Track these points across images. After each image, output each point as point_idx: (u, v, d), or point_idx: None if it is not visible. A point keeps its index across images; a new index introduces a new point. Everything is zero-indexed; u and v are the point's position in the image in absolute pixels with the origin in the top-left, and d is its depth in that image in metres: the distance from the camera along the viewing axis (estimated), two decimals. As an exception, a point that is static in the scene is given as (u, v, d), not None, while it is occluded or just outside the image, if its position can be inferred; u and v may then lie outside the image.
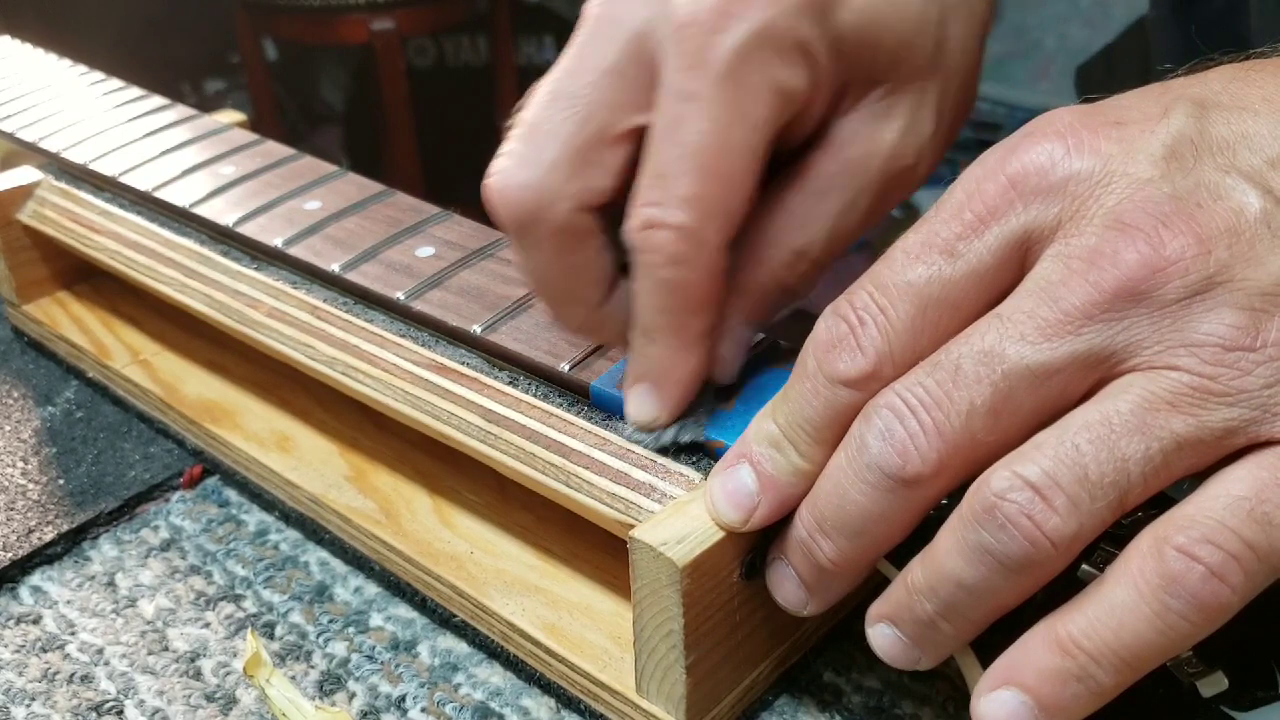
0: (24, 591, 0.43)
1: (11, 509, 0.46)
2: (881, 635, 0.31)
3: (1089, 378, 0.28)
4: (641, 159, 0.33)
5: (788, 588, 0.33)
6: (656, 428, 0.36)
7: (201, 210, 0.49)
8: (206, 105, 0.61)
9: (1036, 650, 0.27)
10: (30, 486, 0.47)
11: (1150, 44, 0.70)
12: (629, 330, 0.35)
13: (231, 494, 0.47)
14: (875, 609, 0.31)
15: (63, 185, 0.55)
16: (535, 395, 0.39)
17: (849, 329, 0.30)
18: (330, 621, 0.41)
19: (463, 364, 0.41)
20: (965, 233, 0.29)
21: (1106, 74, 0.77)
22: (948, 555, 0.28)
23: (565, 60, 0.34)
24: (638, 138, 0.34)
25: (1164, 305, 0.27)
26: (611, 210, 0.34)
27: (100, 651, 0.40)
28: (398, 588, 0.42)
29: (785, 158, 0.36)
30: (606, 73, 0.33)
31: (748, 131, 0.33)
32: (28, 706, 0.38)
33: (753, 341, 0.37)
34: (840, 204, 0.36)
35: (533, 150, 0.33)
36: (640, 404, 0.36)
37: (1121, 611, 0.26)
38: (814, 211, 0.35)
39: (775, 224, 0.35)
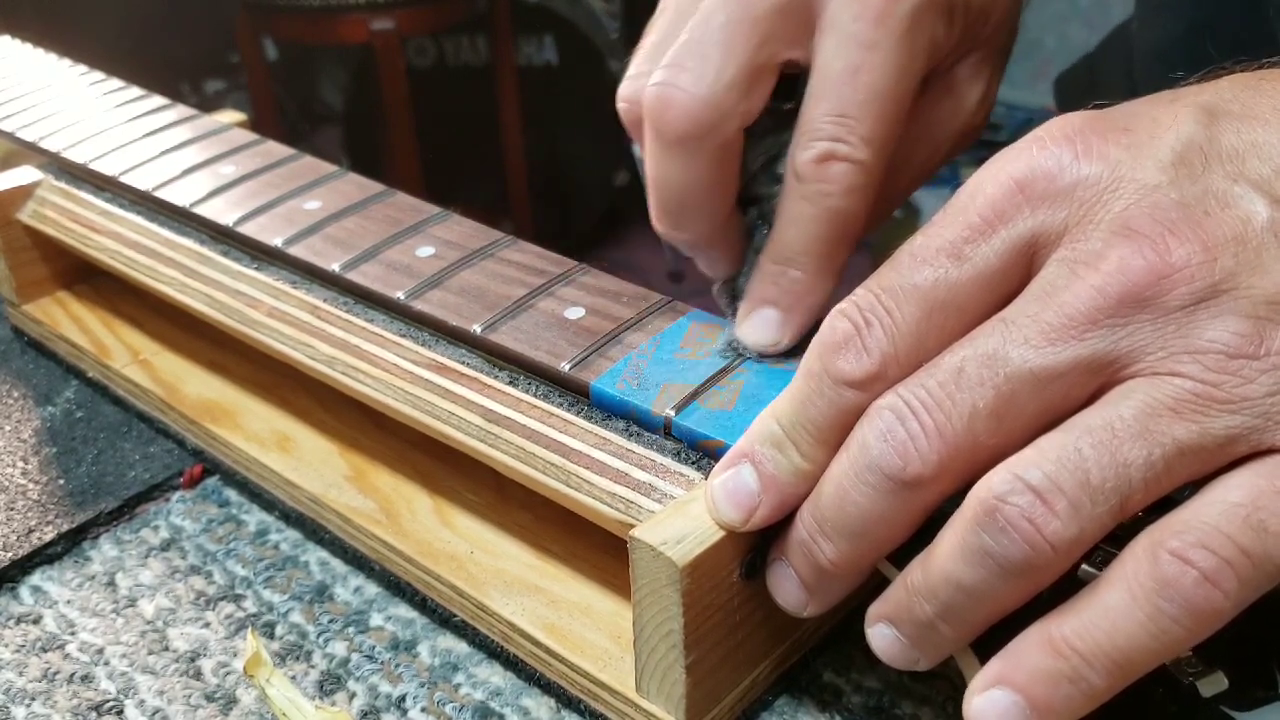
0: (24, 591, 0.43)
1: (11, 509, 0.46)
2: (881, 636, 0.31)
3: (1092, 383, 0.28)
4: (811, 94, 0.36)
5: (788, 588, 0.33)
6: (773, 351, 0.38)
7: (202, 210, 0.49)
8: (206, 105, 0.61)
9: (1030, 651, 0.27)
10: (30, 486, 0.47)
11: (1133, 50, 0.70)
12: (754, 254, 0.38)
13: (231, 494, 0.47)
14: (875, 609, 0.31)
15: (63, 185, 0.55)
16: (535, 395, 0.39)
17: (854, 330, 0.30)
18: (330, 621, 0.41)
19: (463, 364, 0.41)
20: (972, 236, 0.29)
21: (1089, 81, 0.77)
22: (947, 557, 0.28)
23: None
24: (780, 70, 0.37)
25: (1169, 312, 0.27)
26: None
27: (100, 651, 0.40)
28: (398, 588, 0.42)
29: None
30: (780, 6, 0.36)
31: (913, 80, 0.37)
32: (28, 706, 0.38)
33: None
34: (929, 150, 0.40)
35: (710, 66, 0.36)
36: (765, 327, 0.37)
37: (1115, 614, 0.26)
38: (908, 155, 0.40)
39: None
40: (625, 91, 0.39)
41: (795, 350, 0.38)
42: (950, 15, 0.38)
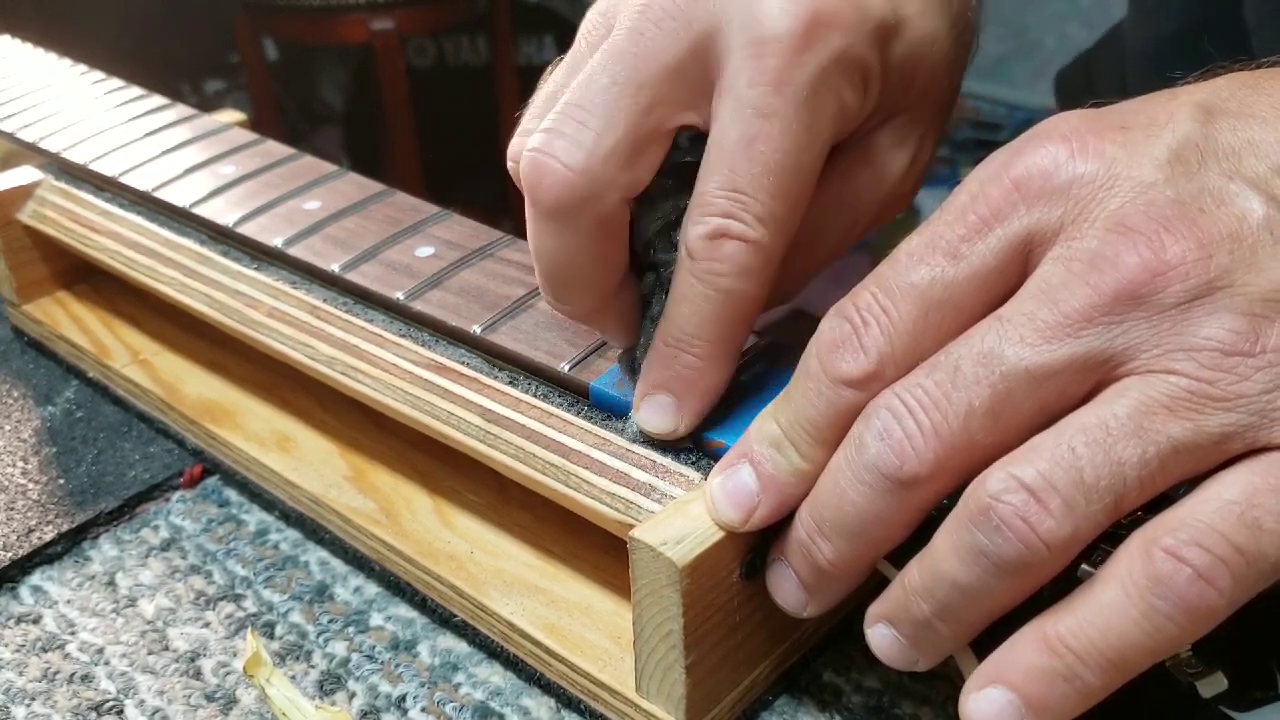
0: (24, 591, 0.43)
1: (11, 509, 0.46)
2: (879, 636, 0.31)
3: (1088, 381, 0.28)
4: (705, 166, 0.33)
5: (787, 589, 0.33)
6: (671, 439, 0.35)
7: (201, 210, 0.49)
8: (206, 105, 0.61)
9: (1025, 649, 0.27)
10: (30, 486, 0.47)
11: (1126, 49, 0.70)
12: (650, 329, 0.35)
13: (231, 494, 0.47)
14: (874, 610, 0.31)
15: (63, 185, 0.55)
16: (535, 395, 0.39)
17: (852, 330, 0.30)
18: (330, 621, 0.41)
19: (462, 364, 0.41)
20: (969, 235, 0.29)
21: (1084, 79, 0.77)
22: (943, 556, 0.28)
23: (621, 41, 0.34)
24: (673, 138, 0.34)
25: (1163, 309, 0.27)
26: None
27: (100, 651, 0.40)
28: (398, 587, 0.42)
29: None
30: (672, 67, 0.33)
31: (819, 153, 0.34)
32: (28, 706, 0.38)
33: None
34: (849, 220, 0.38)
35: (588, 135, 0.33)
36: (661, 415, 0.35)
37: (1109, 612, 0.26)
38: (821, 227, 0.37)
39: None
40: (512, 149, 0.36)
41: (798, 351, 0.38)
42: (864, 79, 0.35)
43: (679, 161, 0.35)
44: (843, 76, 0.34)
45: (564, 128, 0.33)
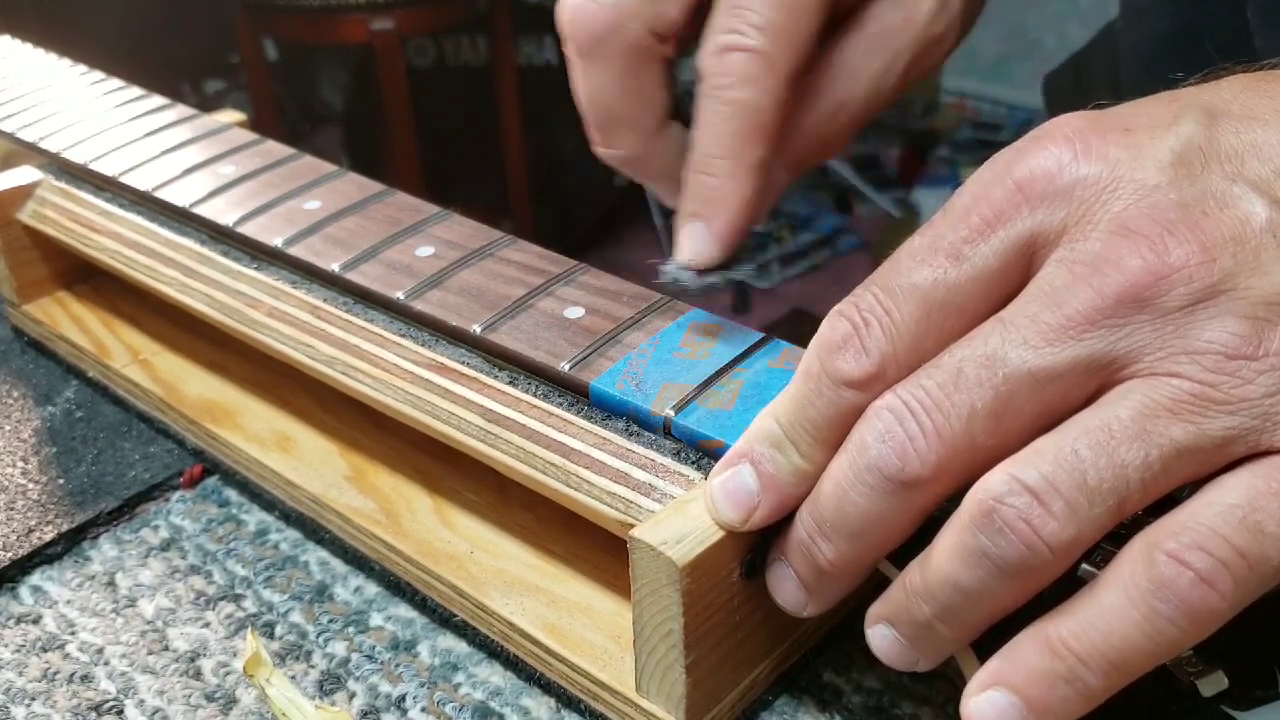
0: (24, 591, 0.43)
1: (11, 509, 0.46)
2: (880, 637, 0.31)
3: (1091, 383, 0.28)
4: None
5: (787, 589, 0.33)
6: (708, 265, 0.37)
7: (201, 210, 0.49)
8: (206, 105, 0.61)
9: (1027, 651, 0.27)
10: (30, 486, 0.47)
11: (1118, 51, 0.70)
12: (685, 170, 0.37)
13: (231, 494, 0.47)
14: (874, 610, 0.31)
15: (63, 185, 0.55)
16: (535, 395, 0.39)
17: (853, 330, 0.30)
18: (330, 621, 0.41)
19: (463, 364, 0.41)
20: (971, 236, 0.29)
21: (1073, 81, 0.77)
22: (945, 558, 0.28)
23: None
24: None
25: (1167, 312, 0.27)
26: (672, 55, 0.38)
27: (100, 651, 0.40)
28: (398, 587, 0.42)
29: (839, 19, 0.38)
30: None
31: None
32: (28, 706, 0.38)
33: (785, 188, 0.39)
34: (881, 63, 0.39)
35: None
36: (692, 240, 0.37)
37: (1111, 615, 0.26)
38: (857, 67, 0.38)
39: (822, 75, 0.37)
40: (556, 14, 0.39)
41: (799, 350, 0.38)
42: None
43: None
44: None
45: None
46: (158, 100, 0.59)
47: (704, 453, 0.35)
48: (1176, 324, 0.27)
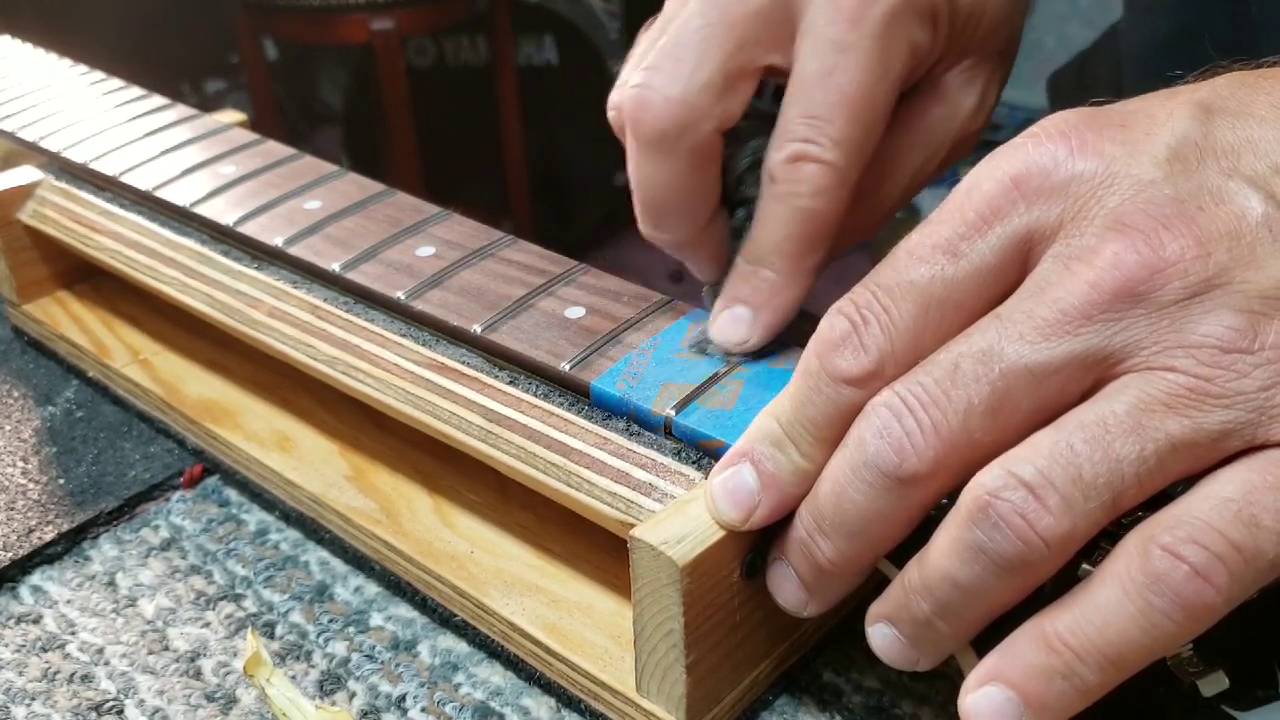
0: (24, 591, 0.43)
1: (11, 509, 0.46)
2: (880, 635, 0.31)
3: (1087, 378, 0.28)
4: (787, 98, 0.36)
5: (787, 588, 0.33)
6: (741, 349, 0.38)
7: (202, 210, 0.49)
8: (206, 105, 0.61)
9: (1024, 647, 0.27)
10: (30, 486, 0.47)
11: (1121, 51, 0.70)
12: (736, 255, 0.38)
13: (232, 494, 0.47)
14: (874, 609, 0.31)
15: (63, 185, 0.55)
16: (535, 395, 0.39)
17: (852, 328, 0.30)
18: (330, 621, 0.41)
19: (463, 364, 0.41)
20: (968, 233, 0.29)
21: (1078, 81, 0.77)
22: (943, 554, 0.28)
23: None
24: (761, 75, 0.38)
25: (1162, 306, 0.27)
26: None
27: (100, 651, 0.40)
28: (398, 587, 0.42)
29: None
30: (758, 10, 0.37)
31: (891, 85, 0.37)
32: (28, 706, 0.38)
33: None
34: (921, 159, 0.40)
35: (684, 68, 0.36)
36: (735, 325, 0.38)
37: (1107, 610, 0.26)
38: (900, 162, 0.40)
39: (866, 171, 0.38)
40: (613, 99, 0.39)
41: (799, 350, 0.38)
42: (934, 20, 0.38)
43: (761, 109, 0.38)
44: (913, 16, 0.37)
45: (663, 65, 0.36)
46: (158, 100, 0.59)
47: (704, 452, 0.35)
48: (1172, 318, 0.27)
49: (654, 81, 0.36)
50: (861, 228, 0.40)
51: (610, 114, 0.39)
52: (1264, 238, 0.27)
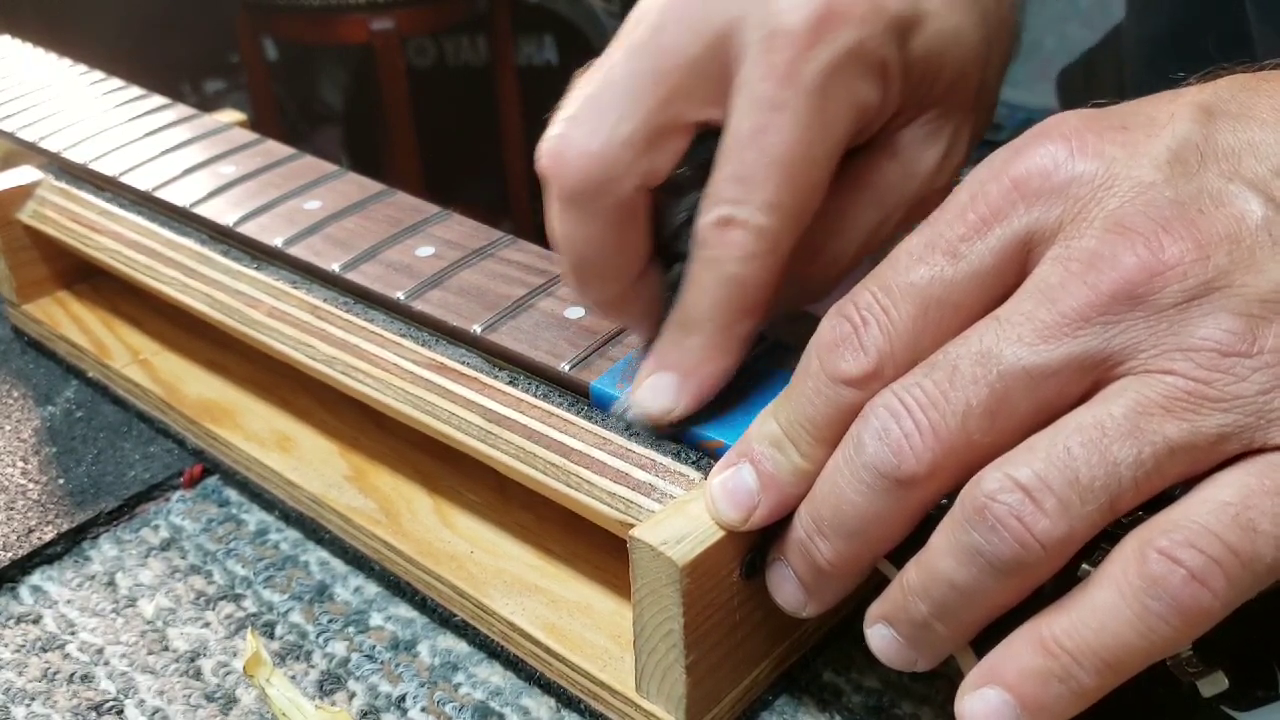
0: (24, 591, 0.43)
1: (11, 509, 0.46)
2: (879, 636, 0.31)
3: (1085, 380, 0.28)
4: (718, 158, 0.34)
5: (787, 589, 0.33)
6: (666, 420, 0.35)
7: (202, 210, 0.49)
8: (206, 105, 0.61)
9: (1020, 650, 0.27)
10: (30, 486, 0.47)
11: (1123, 50, 0.70)
12: (664, 319, 0.36)
13: (231, 494, 0.47)
14: (873, 610, 0.31)
15: (63, 185, 0.55)
16: (535, 395, 0.39)
17: (852, 329, 0.30)
18: (330, 621, 0.41)
19: (463, 364, 0.41)
20: (968, 234, 0.29)
21: (1085, 79, 0.77)
22: (940, 556, 0.28)
23: (643, 36, 0.34)
24: (695, 130, 0.35)
25: (1161, 309, 0.27)
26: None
27: (100, 651, 0.40)
28: (398, 587, 0.42)
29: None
30: (690, 62, 0.34)
31: (828, 143, 0.34)
32: (28, 706, 0.38)
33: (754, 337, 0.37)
34: (877, 218, 0.37)
35: (606, 121, 0.34)
36: (658, 393, 0.35)
37: (1103, 613, 0.26)
38: (853, 222, 0.37)
39: (815, 230, 0.36)
40: (539, 147, 0.36)
41: (798, 351, 0.38)
42: (882, 75, 0.35)
43: (705, 158, 0.35)
44: (857, 70, 0.34)
45: (583, 116, 0.34)
46: (158, 100, 0.59)
47: (704, 453, 0.35)
48: (1171, 321, 0.27)
49: (573, 134, 0.34)
50: (812, 288, 0.38)
51: (536, 165, 0.36)
52: (1264, 241, 0.27)
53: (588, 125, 0.34)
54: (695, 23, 0.34)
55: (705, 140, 0.35)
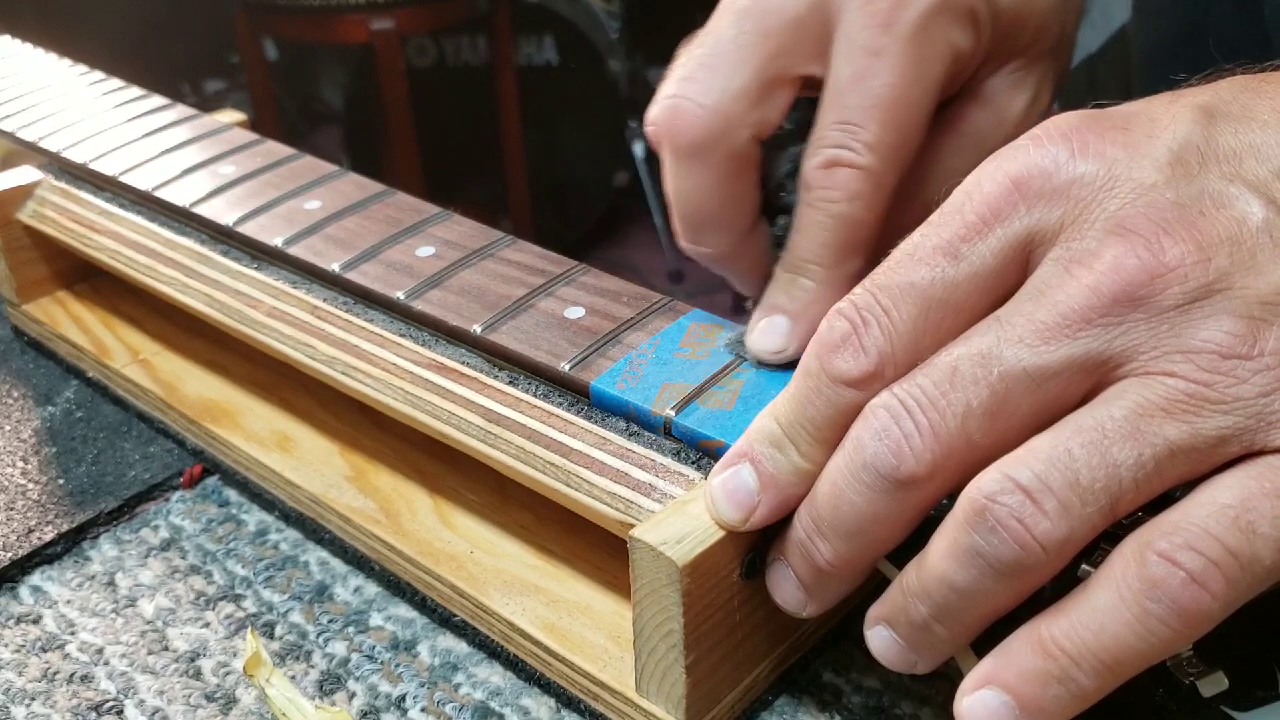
0: (24, 591, 0.43)
1: (11, 509, 0.46)
2: (879, 638, 0.31)
3: (1086, 382, 0.28)
4: (822, 105, 0.36)
5: (787, 589, 0.33)
6: (777, 359, 0.37)
7: (202, 210, 0.49)
8: (206, 105, 0.62)
9: (1020, 651, 0.27)
10: (30, 486, 0.47)
11: (1130, 53, 0.70)
12: (775, 265, 0.37)
13: (231, 494, 0.47)
14: (873, 611, 0.31)
15: (63, 185, 0.55)
16: (535, 395, 0.39)
17: (852, 329, 0.30)
18: (330, 621, 0.41)
19: (463, 364, 0.41)
20: (969, 235, 0.29)
21: (1089, 81, 0.77)
22: (940, 558, 0.28)
23: (746, 2, 0.37)
24: (800, 85, 0.37)
25: (1162, 311, 0.27)
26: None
27: (100, 651, 0.40)
28: (398, 587, 0.42)
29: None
30: (794, 20, 0.36)
31: (927, 88, 0.36)
32: (28, 706, 0.38)
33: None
34: (969, 164, 0.38)
35: (718, 77, 0.36)
36: (772, 334, 0.37)
37: (1103, 615, 0.26)
38: (947, 168, 0.39)
39: (912, 176, 0.37)
40: (649, 113, 0.39)
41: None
42: (974, 23, 0.37)
43: (804, 116, 0.37)
44: (950, 18, 0.36)
45: (697, 75, 0.36)
46: (158, 100, 0.59)
47: (704, 453, 0.35)
48: (1172, 323, 0.27)
49: (688, 91, 0.36)
50: (906, 232, 0.39)
51: (648, 129, 0.39)
52: (1264, 243, 0.27)
53: (702, 83, 0.36)
54: None
55: (802, 101, 0.37)
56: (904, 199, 0.37)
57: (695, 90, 0.36)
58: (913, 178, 0.38)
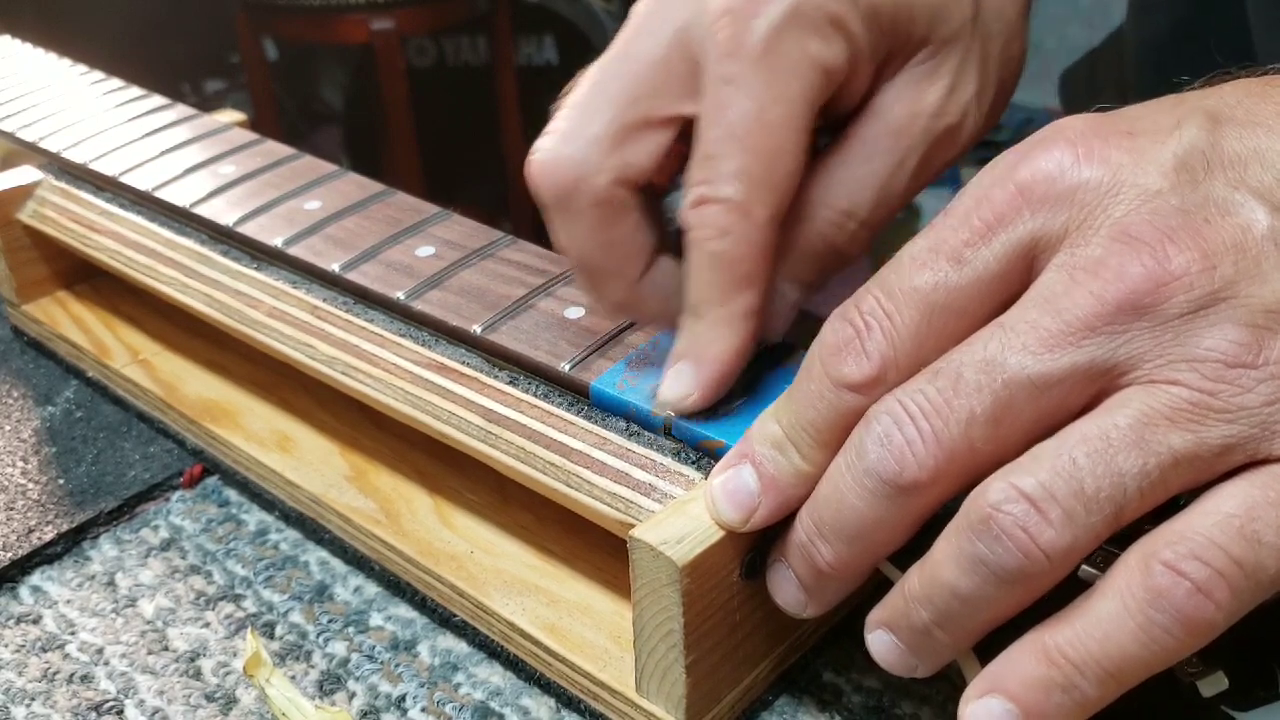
0: (24, 591, 0.43)
1: (11, 509, 0.46)
2: (880, 642, 0.31)
3: (1090, 389, 0.28)
4: (692, 146, 0.35)
5: (787, 590, 0.33)
6: (686, 408, 0.36)
7: (201, 210, 0.49)
8: (206, 105, 0.61)
9: (1023, 659, 0.27)
10: (30, 486, 0.47)
11: (1125, 51, 0.70)
12: (681, 313, 0.36)
13: (231, 494, 0.47)
14: (874, 615, 0.31)
15: (63, 185, 0.55)
16: (535, 395, 0.39)
17: (855, 333, 0.30)
18: (330, 621, 0.41)
19: (463, 364, 0.41)
20: (972, 239, 0.29)
21: (1088, 79, 0.77)
22: (943, 564, 0.28)
23: (612, 50, 0.36)
24: (680, 126, 0.35)
25: (1167, 319, 0.27)
26: (654, 195, 0.37)
27: (100, 651, 0.40)
28: (398, 587, 0.42)
29: (838, 127, 0.37)
30: (653, 63, 0.35)
31: (787, 107, 0.34)
32: (28, 706, 0.38)
33: (800, 305, 0.38)
34: (888, 164, 0.37)
35: (576, 127, 0.35)
36: (675, 381, 0.36)
37: (1107, 624, 0.26)
38: (861, 173, 0.37)
39: (822, 187, 0.36)
40: (526, 165, 0.38)
41: (801, 351, 0.38)
42: (838, 28, 0.34)
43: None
44: (804, 30, 0.34)
45: (559, 125, 0.36)
46: (158, 100, 0.59)
47: (704, 453, 0.35)
48: (1176, 331, 0.27)
49: (548, 143, 0.35)
50: (836, 247, 0.37)
51: (527, 180, 0.38)
52: (1269, 251, 0.27)
53: (561, 134, 0.35)
54: (659, 25, 0.35)
55: None
56: (815, 208, 0.36)
57: (554, 142, 0.35)
58: (822, 186, 0.36)
